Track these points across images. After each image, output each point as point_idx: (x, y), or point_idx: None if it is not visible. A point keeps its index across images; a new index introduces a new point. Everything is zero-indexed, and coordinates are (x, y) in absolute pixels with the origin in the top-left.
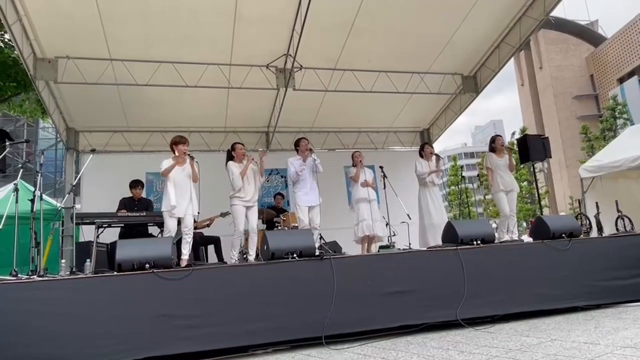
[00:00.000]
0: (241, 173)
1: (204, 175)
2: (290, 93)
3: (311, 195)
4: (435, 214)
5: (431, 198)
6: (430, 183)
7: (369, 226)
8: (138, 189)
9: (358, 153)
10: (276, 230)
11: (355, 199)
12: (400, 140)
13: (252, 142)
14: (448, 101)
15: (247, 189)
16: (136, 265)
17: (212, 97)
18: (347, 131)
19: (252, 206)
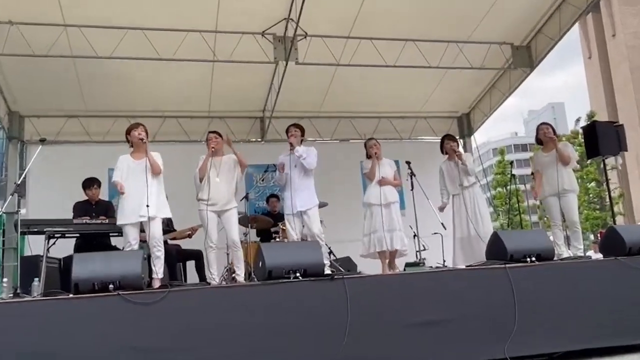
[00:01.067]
0: (199, 168)
1: (183, 173)
2: (292, 68)
3: (296, 197)
4: (471, 223)
5: (463, 205)
6: (458, 191)
7: (381, 240)
8: (94, 189)
9: (373, 142)
10: (274, 243)
11: (366, 202)
12: (433, 128)
13: (243, 130)
14: (494, 78)
15: (213, 188)
16: (97, 285)
17: (193, 73)
18: (363, 117)
19: (226, 211)
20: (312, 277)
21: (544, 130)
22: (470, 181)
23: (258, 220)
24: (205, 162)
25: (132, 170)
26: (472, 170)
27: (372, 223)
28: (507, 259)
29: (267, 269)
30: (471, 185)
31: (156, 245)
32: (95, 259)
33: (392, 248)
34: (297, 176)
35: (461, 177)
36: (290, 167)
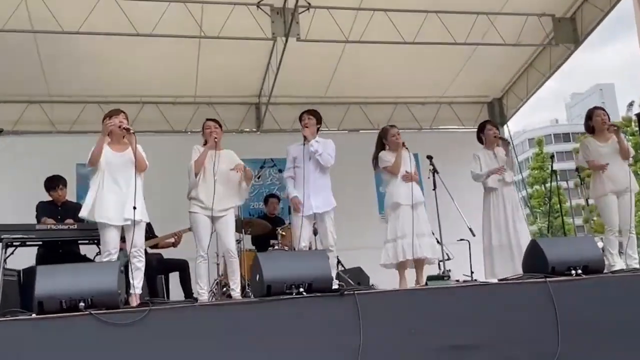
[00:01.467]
0: (195, 162)
1: (164, 169)
2: (293, 45)
3: (314, 197)
4: (507, 228)
5: (501, 204)
6: (498, 186)
7: (410, 246)
8: (59, 190)
9: (396, 130)
10: (273, 252)
11: (391, 202)
12: (458, 115)
13: (236, 118)
14: (532, 57)
15: (209, 188)
16: (65, 303)
17: (176, 52)
18: (377, 102)
19: (222, 216)
20: (318, 293)
21: (601, 117)
22: (511, 178)
23: (254, 225)
24: (204, 156)
25: (111, 164)
26: (515, 165)
27: (397, 226)
28: (547, 272)
29: (265, 283)
30: (511, 183)
31: (138, 254)
32: (63, 272)
33: (421, 256)
34: (312, 171)
35: (503, 173)
36: (304, 160)
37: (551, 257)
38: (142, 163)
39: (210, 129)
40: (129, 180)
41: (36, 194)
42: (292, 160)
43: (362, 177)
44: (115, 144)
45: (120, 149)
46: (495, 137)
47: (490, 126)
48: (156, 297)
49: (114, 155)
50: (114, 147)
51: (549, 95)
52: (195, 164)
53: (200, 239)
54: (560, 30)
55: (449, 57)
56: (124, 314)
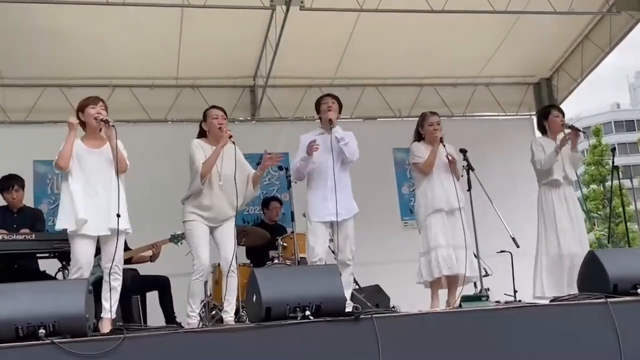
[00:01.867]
0: (205, 163)
1: (141, 165)
2: (296, 16)
3: (331, 201)
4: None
5: (564, 205)
6: (562, 181)
7: (447, 259)
8: (14, 192)
9: (436, 118)
10: (273, 267)
11: (423, 206)
12: (498, 99)
13: (227, 104)
14: (587, 27)
15: (216, 192)
16: (23, 330)
17: (154, 25)
18: (397, 84)
19: (223, 224)
20: (328, 317)
21: None
22: (575, 176)
23: (249, 234)
24: (215, 156)
25: (85, 162)
26: (579, 161)
27: (431, 235)
28: (608, 291)
29: (263, 305)
30: (574, 181)
31: (116, 272)
32: (19, 292)
33: (457, 272)
34: (331, 169)
35: (565, 166)
36: (323, 153)
37: (613, 273)
38: (123, 162)
39: (218, 119)
40: (107, 182)
41: None
42: (304, 151)
43: (380, 175)
44: (90, 139)
45: (96, 144)
46: (563, 125)
47: (556, 112)
48: (131, 322)
49: (88, 153)
50: (88, 142)
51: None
52: (205, 167)
53: (200, 253)
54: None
55: (485, 28)
56: (93, 343)
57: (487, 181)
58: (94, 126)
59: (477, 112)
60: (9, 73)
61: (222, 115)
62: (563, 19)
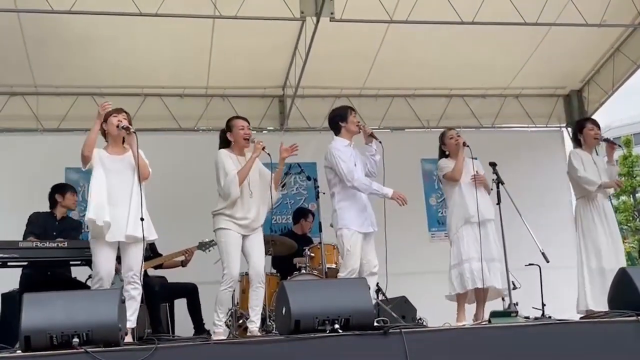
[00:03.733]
0: (240, 173)
1: (171, 173)
2: (326, 27)
3: (369, 213)
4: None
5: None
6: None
7: (479, 272)
8: (68, 198)
9: (455, 132)
10: (302, 279)
11: (455, 218)
12: (527, 111)
13: (256, 114)
14: (619, 40)
15: (247, 202)
16: (57, 339)
17: (185, 36)
18: (426, 95)
19: (254, 232)
20: (356, 330)
21: None
22: (610, 191)
23: (277, 243)
24: (249, 166)
25: (109, 170)
26: (616, 175)
27: (462, 248)
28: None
29: (293, 318)
30: (609, 195)
31: (134, 280)
32: (54, 301)
33: (489, 285)
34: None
35: (603, 179)
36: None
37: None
38: (145, 169)
39: (244, 129)
40: (129, 189)
41: (18, 203)
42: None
43: (407, 186)
44: (113, 147)
45: (119, 151)
46: (596, 139)
47: (591, 125)
48: (160, 329)
49: (111, 160)
50: (111, 149)
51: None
52: (241, 176)
53: (231, 263)
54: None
55: (516, 40)
56: (126, 352)
57: (515, 194)
58: (115, 135)
59: (506, 124)
60: (42, 81)
61: (247, 125)
62: (594, 31)
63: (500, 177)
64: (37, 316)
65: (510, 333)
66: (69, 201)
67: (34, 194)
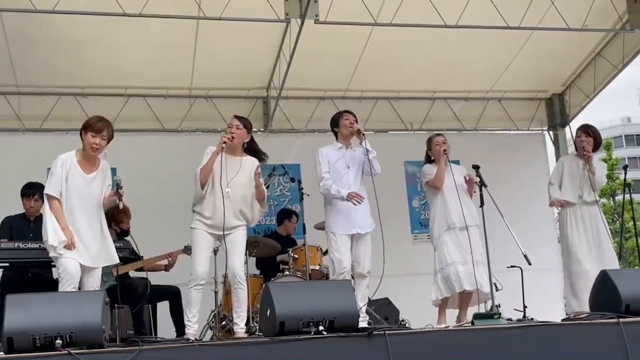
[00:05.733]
0: (201, 169)
1: (155, 174)
2: (310, 29)
3: (357, 215)
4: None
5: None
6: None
7: (464, 274)
8: (33, 200)
9: (441, 138)
10: (287, 281)
11: (438, 224)
12: (509, 114)
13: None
14: (601, 44)
15: (219, 202)
16: (40, 340)
17: (169, 36)
18: (410, 97)
19: (232, 232)
20: (341, 332)
21: None
22: (593, 197)
23: (260, 245)
24: (211, 161)
25: (80, 188)
26: (600, 184)
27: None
28: (620, 311)
29: (277, 320)
30: (594, 202)
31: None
32: (36, 303)
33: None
34: (352, 181)
35: (583, 187)
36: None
37: (625, 293)
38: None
39: (232, 128)
40: (93, 210)
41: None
42: (327, 164)
43: (391, 188)
44: (85, 160)
45: (90, 169)
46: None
47: (581, 133)
48: (142, 331)
49: (83, 178)
50: (82, 162)
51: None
52: (202, 171)
53: (197, 262)
54: (636, 12)
55: (499, 44)
56: (109, 354)
57: (498, 196)
58: (89, 153)
59: (489, 127)
60: (25, 81)
61: (236, 123)
62: (576, 36)
63: (483, 180)
64: (20, 318)
65: (492, 335)
66: (26, 206)
67: (15, 195)
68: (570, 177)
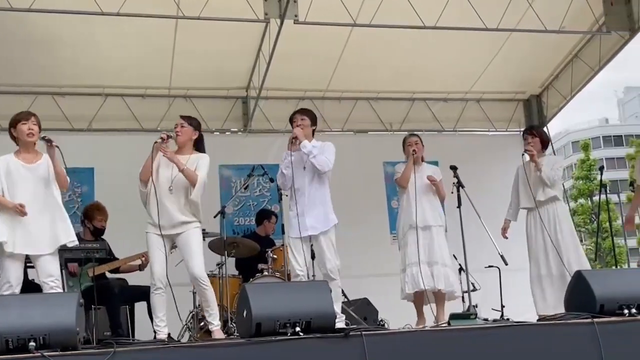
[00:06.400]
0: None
1: (131, 175)
2: (290, 29)
3: (309, 216)
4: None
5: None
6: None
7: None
8: None
9: (414, 138)
10: (264, 283)
11: (402, 223)
12: (488, 115)
13: (219, 116)
14: (578, 46)
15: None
16: (13, 343)
17: (148, 36)
18: (389, 98)
19: (182, 233)
20: (317, 333)
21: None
22: (548, 194)
23: (239, 245)
24: (148, 160)
25: (19, 177)
26: (550, 179)
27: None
28: (595, 311)
29: (254, 321)
30: (549, 200)
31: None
32: (10, 304)
33: (433, 287)
34: (307, 183)
35: (536, 187)
36: (297, 168)
37: (600, 293)
38: (63, 180)
39: (177, 127)
40: (41, 198)
41: None
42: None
43: (370, 188)
44: (24, 153)
45: (30, 159)
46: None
47: (525, 135)
48: (119, 332)
49: (23, 168)
50: (22, 157)
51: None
52: (141, 172)
53: (153, 266)
54: (613, 15)
55: (477, 45)
56: (83, 357)
57: (476, 197)
58: (26, 141)
59: (468, 128)
60: (1, 80)
61: (180, 122)
62: (553, 38)
63: (460, 181)
64: None
65: (468, 335)
66: None
67: None
68: (524, 183)
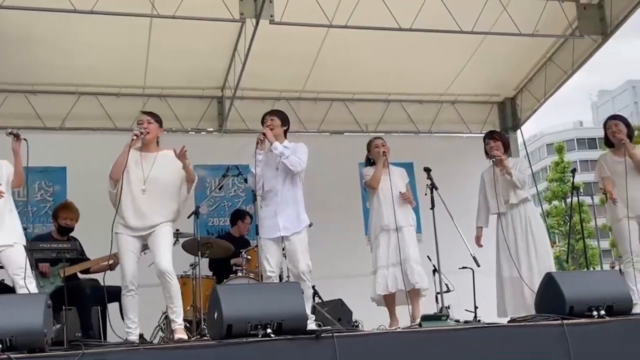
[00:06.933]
0: (114, 164)
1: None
2: (265, 29)
3: (279, 216)
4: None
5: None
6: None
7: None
8: None
9: (380, 141)
10: (235, 284)
11: (373, 225)
12: (463, 117)
13: (194, 115)
14: (551, 49)
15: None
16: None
17: (122, 34)
18: (365, 99)
19: (154, 231)
20: (289, 335)
21: (612, 129)
22: (520, 196)
23: (212, 246)
24: (122, 157)
25: None
26: (520, 181)
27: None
28: (564, 312)
29: (224, 322)
30: (521, 202)
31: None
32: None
33: (407, 287)
34: (280, 184)
35: (507, 191)
36: (269, 170)
37: (569, 295)
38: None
39: (143, 123)
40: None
41: None
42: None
43: (345, 189)
44: None
45: None
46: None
47: (487, 140)
48: (91, 333)
49: None
50: None
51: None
52: (112, 169)
53: (124, 267)
54: (586, 19)
55: (452, 48)
56: (51, 359)
57: (450, 198)
58: None
59: (443, 130)
60: None
61: (147, 119)
62: (528, 41)
63: (434, 182)
64: None
65: (440, 336)
66: None
67: None
68: (490, 188)
